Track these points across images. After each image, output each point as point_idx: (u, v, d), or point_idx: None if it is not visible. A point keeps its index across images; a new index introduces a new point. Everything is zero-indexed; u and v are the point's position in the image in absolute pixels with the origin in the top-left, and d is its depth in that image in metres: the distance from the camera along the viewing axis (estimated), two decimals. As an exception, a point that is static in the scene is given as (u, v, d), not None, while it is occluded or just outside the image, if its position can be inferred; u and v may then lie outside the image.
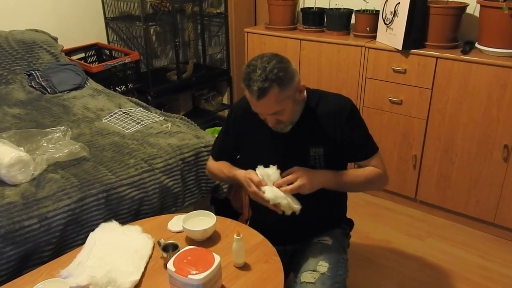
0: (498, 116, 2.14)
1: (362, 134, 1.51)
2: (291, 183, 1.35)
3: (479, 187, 2.30)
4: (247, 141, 1.56)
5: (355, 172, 1.49)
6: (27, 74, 2.56)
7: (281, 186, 1.35)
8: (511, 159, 2.16)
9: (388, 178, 1.56)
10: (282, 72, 1.30)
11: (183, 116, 2.22)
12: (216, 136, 1.71)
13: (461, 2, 2.32)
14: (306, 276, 1.39)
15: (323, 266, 1.41)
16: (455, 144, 2.31)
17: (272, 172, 1.36)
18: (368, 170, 1.49)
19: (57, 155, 1.75)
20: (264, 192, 1.34)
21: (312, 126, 1.46)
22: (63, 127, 1.98)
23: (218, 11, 3.41)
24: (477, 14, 2.35)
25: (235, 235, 1.29)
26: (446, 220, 2.50)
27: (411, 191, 2.55)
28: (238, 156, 1.63)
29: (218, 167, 1.60)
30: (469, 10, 2.36)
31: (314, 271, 1.40)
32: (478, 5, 2.22)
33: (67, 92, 2.48)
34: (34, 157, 1.70)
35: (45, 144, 1.83)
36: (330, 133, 1.46)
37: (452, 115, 2.28)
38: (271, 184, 1.35)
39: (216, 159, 1.65)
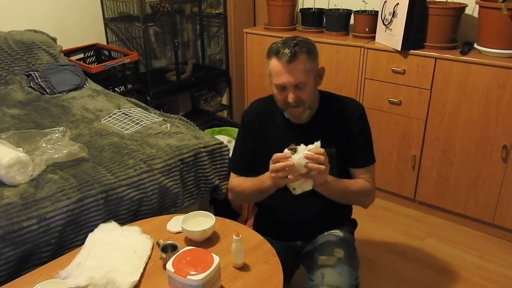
0: (496, 116, 2.14)
1: (367, 141, 1.55)
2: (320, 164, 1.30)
3: (478, 187, 2.30)
4: (264, 143, 1.55)
5: (349, 181, 1.51)
6: (26, 75, 2.56)
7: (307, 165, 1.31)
8: (510, 160, 2.16)
9: (374, 196, 1.58)
10: (311, 45, 1.43)
11: (182, 117, 2.22)
12: (232, 150, 1.70)
13: (460, 3, 2.33)
14: (324, 259, 1.45)
15: (339, 252, 1.47)
16: (454, 145, 2.32)
17: (314, 146, 1.31)
18: (361, 182, 1.51)
19: (56, 155, 1.75)
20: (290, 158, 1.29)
21: (326, 123, 1.49)
22: (62, 127, 1.98)
23: (217, 11, 3.41)
24: (476, 14, 2.35)
25: (234, 236, 1.29)
26: (445, 221, 2.50)
27: (410, 191, 2.55)
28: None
29: (245, 182, 1.54)
30: (468, 10, 2.36)
31: (331, 255, 1.45)
32: (477, 6, 2.22)
33: (66, 93, 2.48)
34: (33, 157, 1.70)
35: (44, 145, 1.82)
36: (342, 133, 1.50)
37: (451, 116, 2.28)
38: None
39: (240, 172, 1.61)
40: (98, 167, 1.71)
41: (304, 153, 1.28)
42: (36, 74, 2.56)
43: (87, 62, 3.10)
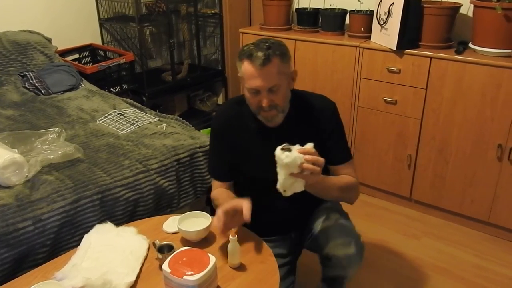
0: (492, 116, 2.15)
1: (342, 137, 1.56)
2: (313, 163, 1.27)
3: (473, 186, 2.31)
4: (238, 148, 1.54)
5: (335, 178, 1.51)
6: (21, 75, 2.55)
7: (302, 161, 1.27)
8: (505, 159, 2.17)
9: (359, 191, 1.58)
10: (284, 48, 1.40)
11: (178, 117, 2.22)
12: (208, 157, 1.69)
13: (455, 2, 2.33)
14: (323, 224, 1.51)
15: (335, 215, 1.54)
16: (449, 144, 2.32)
17: (309, 147, 1.27)
18: (346, 178, 1.51)
19: (51, 156, 1.74)
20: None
21: (299, 124, 1.49)
22: (58, 128, 1.97)
23: (212, 11, 3.40)
24: (470, 14, 2.36)
25: (230, 236, 1.29)
26: (442, 220, 2.51)
27: (406, 190, 2.56)
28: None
29: (219, 199, 1.53)
30: (462, 10, 2.37)
31: (329, 219, 1.52)
32: (472, 5, 2.23)
33: (61, 93, 2.47)
34: (28, 158, 1.69)
35: (39, 146, 1.82)
36: (316, 132, 1.49)
37: (447, 115, 2.29)
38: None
39: (219, 177, 1.60)
40: (93, 168, 1.71)
41: (298, 149, 1.24)
42: (31, 74, 2.55)
43: (82, 62, 3.09)
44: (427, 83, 2.30)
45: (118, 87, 2.94)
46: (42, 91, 2.47)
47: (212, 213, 1.63)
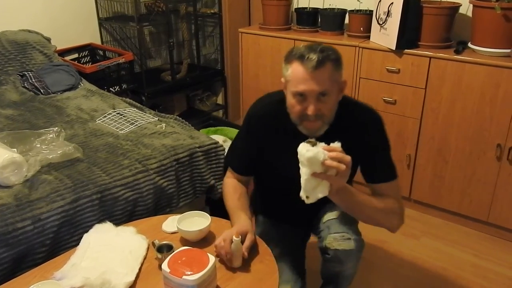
0: (491, 115, 2.15)
1: (386, 154, 1.45)
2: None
3: (473, 186, 2.31)
4: (269, 150, 1.49)
5: (371, 196, 1.40)
6: (20, 75, 2.55)
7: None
8: (504, 158, 2.17)
9: (403, 217, 1.46)
10: (338, 54, 1.32)
11: (178, 117, 2.22)
12: (231, 146, 1.61)
13: (454, 2, 2.34)
14: (329, 215, 1.49)
15: (340, 209, 1.49)
16: (448, 144, 2.32)
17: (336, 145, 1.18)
18: (386, 199, 1.40)
19: (51, 156, 1.74)
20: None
21: (340, 135, 1.29)
22: (57, 128, 1.97)
23: (212, 11, 3.40)
24: (470, 14, 2.36)
25: (234, 237, 1.28)
26: (441, 219, 2.51)
27: (405, 190, 2.56)
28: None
29: (229, 200, 1.51)
30: (462, 10, 2.37)
31: (336, 210, 1.48)
32: (471, 5, 2.23)
33: (61, 93, 2.47)
34: (27, 158, 1.69)
35: (39, 145, 1.81)
36: (358, 145, 1.38)
37: (446, 115, 2.29)
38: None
39: (238, 170, 1.56)
40: (93, 168, 1.71)
41: (323, 147, 1.14)
42: (30, 74, 2.54)
43: (82, 62, 3.09)
44: (426, 83, 2.30)
45: (118, 87, 2.94)
46: (41, 90, 2.47)
47: (212, 213, 1.63)
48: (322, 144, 1.15)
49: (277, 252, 1.47)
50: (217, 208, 2.06)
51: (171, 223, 1.50)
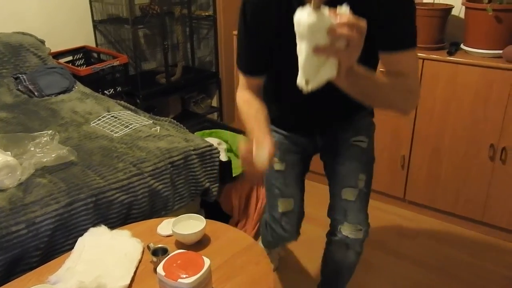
0: (485, 116, 2.16)
1: (408, 19, 1.17)
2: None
3: (467, 186, 2.32)
4: (271, 35, 1.24)
5: (382, 76, 1.14)
6: (14, 78, 2.54)
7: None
8: (497, 159, 2.19)
9: (419, 94, 1.25)
10: None
11: (172, 119, 2.22)
12: (237, 49, 1.35)
13: (447, 4, 2.35)
14: (347, 193, 1.48)
15: (361, 180, 1.48)
16: (443, 144, 2.34)
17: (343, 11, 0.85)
18: (400, 77, 1.15)
19: (45, 159, 1.74)
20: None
21: (353, 3, 0.96)
22: (51, 131, 1.96)
23: (207, 13, 3.40)
24: (462, 15, 2.38)
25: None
26: (436, 220, 2.52)
27: (400, 191, 2.57)
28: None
29: (245, 112, 1.30)
30: (454, 11, 2.38)
31: (354, 187, 1.47)
32: (463, 7, 2.25)
33: (55, 96, 2.46)
34: (21, 161, 1.68)
35: (33, 149, 1.81)
36: (376, 13, 1.08)
37: (440, 115, 2.30)
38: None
39: (248, 69, 1.33)
40: (87, 171, 1.70)
41: (327, 12, 0.83)
42: (24, 77, 2.53)
43: (76, 64, 3.08)
44: (420, 83, 2.31)
45: (112, 90, 2.93)
46: (36, 93, 2.46)
47: (207, 215, 1.64)
48: (326, 9, 0.84)
49: (283, 165, 1.52)
50: (212, 211, 2.06)
51: (166, 226, 1.50)
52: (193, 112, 3.62)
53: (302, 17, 0.83)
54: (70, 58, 3.08)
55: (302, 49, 0.87)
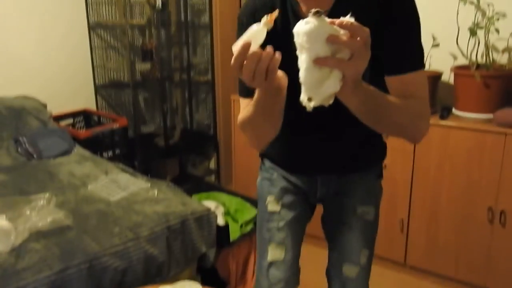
0: (480, 178, 2.18)
1: (415, 34, 1.06)
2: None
3: (467, 250, 2.29)
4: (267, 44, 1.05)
5: (392, 96, 1.04)
6: (14, 140, 2.57)
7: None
8: (496, 222, 2.17)
9: (430, 119, 1.14)
10: None
11: (170, 183, 2.22)
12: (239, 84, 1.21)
13: (436, 71, 2.45)
14: (348, 270, 1.33)
15: (364, 255, 1.35)
16: (440, 207, 2.33)
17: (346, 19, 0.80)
18: (410, 100, 1.05)
19: (40, 223, 1.71)
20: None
21: (355, 9, 0.86)
22: (48, 194, 1.95)
23: (205, 79, 3.52)
24: (452, 81, 2.47)
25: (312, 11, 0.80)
26: (438, 286, 2.45)
27: (400, 255, 2.52)
28: None
29: (246, 110, 1.12)
30: (444, 77, 2.48)
31: (356, 264, 1.33)
32: (452, 73, 2.34)
33: (54, 158, 2.48)
34: (16, 225, 1.66)
35: (28, 212, 1.79)
36: (378, 20, 1.00)
37: (436, 178, 2.32)
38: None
39: (247, 91, 1.12)
40: (82, 235, 1.68)
41: (330, 21, 0.79)
42: (24, 139, 2.56)
43: (76, 127, 3.13)
44: (414, 147, 2.35)
45: (111, 152, 2.96)
46: (34, 155, 2.47)
47: (204, 282, 1.59)
48: (326, 18, 0.79)
49: (278, 206, 1.34)
50: (209, 277, 2.01)
51: (161, 294, 1.45)
52: (190, 174, 3.63)
53: (301, 25, 0.79)
54: (70, 120, 3.13)
55: (302, 61, 0.81)
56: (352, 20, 0.79)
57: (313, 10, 0.77)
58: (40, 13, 2.96)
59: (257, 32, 0.85)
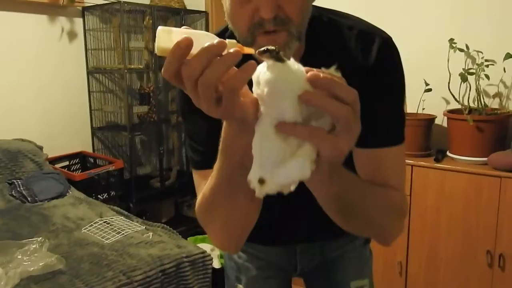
0: (477, 222, 2.17)
1: (397, 102, 0.88)
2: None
3: (467, 295, 2.25)
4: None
5: (369, 183, 0.83)
6: (8, 183, 2.55)
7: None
8: (495, 265, 2.15)
9: (406, 215, 0.91)
10: None
11: (165, 225, 2.20)
12: (188, 148, 1.01)
13: (430, 114, 2.49)
14: None
15: None
16: (438, 250, 2.31)
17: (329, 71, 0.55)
18: (389, 189, 0.84)
19: (32, 268, 1.68)
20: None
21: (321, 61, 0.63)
22: (40, 238, 1.92)
23: (202, 121, 3.55)
24: (445, 124, 2.51)
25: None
26: (439, 332, 2.39)
27: (399, 300, 2.47)
28: None
29: (206, 192, 0.87)
30: (437, 121, 2.52)
31: None
32: (446, 117, 2.38)
33: (48, 201, 2.45)
34: (6, 270, 1.62)
35: (20, 257, 1.75)
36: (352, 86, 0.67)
37: (433, 221, 2.30)
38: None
39: (206, 163, 0.88)
40: (74, 280, 1.64)
41: (306, 69, 0.54)
42: (19, 182, 2.55)
43: (72, 169, 3.12)
44: (410, 190, 2.35)
45: (106, 194, 2.94)
46: (29, 198, 2.45)
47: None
48: (295, 64, 0.53)
49: None
50: (204, 324, 1.95)
51: None
52: (186, 216, 3.59)
53: (262, 70, 0.53)
54: (66, 163, 3.13)
55: (259, 123, 0.55)
56: (338, 75, 0.54)
57: (268, 49, 0.51)
58: (40, 58, 3.01)
59: (206, 37, 0.54)
